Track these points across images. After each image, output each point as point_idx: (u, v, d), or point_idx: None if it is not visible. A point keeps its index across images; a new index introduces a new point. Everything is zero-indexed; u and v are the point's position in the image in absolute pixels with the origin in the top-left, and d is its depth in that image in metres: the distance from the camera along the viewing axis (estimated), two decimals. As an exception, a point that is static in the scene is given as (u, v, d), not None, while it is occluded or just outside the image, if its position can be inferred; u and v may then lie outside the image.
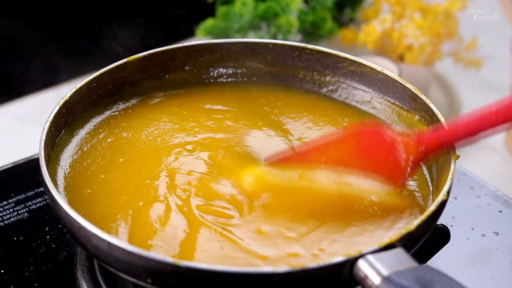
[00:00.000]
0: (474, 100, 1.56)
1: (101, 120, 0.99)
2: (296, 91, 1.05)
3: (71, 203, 0.86)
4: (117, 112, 1.01)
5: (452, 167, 0.85)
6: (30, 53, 1.68)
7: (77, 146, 0.95)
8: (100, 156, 0.94)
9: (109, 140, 0.96)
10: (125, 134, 0.97)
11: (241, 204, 0.86)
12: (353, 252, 0.76)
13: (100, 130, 0.98)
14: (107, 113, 1.01)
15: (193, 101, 1.03)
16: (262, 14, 1.43)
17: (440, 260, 0.95)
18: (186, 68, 1.05)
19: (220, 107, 1.03)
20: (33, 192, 1.03)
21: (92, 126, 0.98)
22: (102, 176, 0.91)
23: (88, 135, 0.97)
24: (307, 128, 0.99)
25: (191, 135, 0.97)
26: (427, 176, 0.92)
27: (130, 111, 1.01)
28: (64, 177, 0.90)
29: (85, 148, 0.95)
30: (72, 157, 0.93)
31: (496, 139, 1.45)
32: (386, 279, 0.73)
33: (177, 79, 1.05)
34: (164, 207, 0.86)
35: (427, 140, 0.87)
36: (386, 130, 0.89)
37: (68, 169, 0.92)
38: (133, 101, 1.03)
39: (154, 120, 1.00)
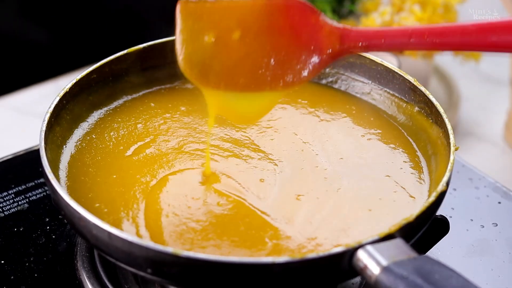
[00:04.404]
0: (473, 92, 1.56)
1: (101, 112, 1.00)
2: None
3: (71, 194, 0.86)
4: (117, 104, 1.01)
5: (451, 158, 0.85)
6: (29, 45, 1.68)
7: (78, 137, 0.95)
8: (101, 147, 0.94)
9: (110, 131, 0.96)
10: (126, 125, 0.97)
11: None
12: (352, 243, 0.76)
13: (101, 122, 0.98)
14: (107, 104, 1.01)
15: (195, 93, 1.04)
16: (261, 7, 1.43)
17: (439, 251, 0.95)
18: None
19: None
20: (33, 183, 1.03)
21: (93, 118, 0.98)
22: (104, 167, 0.91)
23: (89, 126, 0.97)
24: (305, 115, 1.00)
25: (195, 127, 0.97)
26: (426, 167, 0.92)
27: (130, 102, 1.01)
28: (65, 167, 0.90)
29: (86, 139, 0.95)
30: (73, 148, 0.93)
31: (495, 133, 1.45)
32: (385, 269, 0.73)
33: (177, 71, 1.05)
34: (168, 195, 0.87)
35: (350, 36, 0.87)
36: (312, 9, 0.87)
37: (69, 160, 0.92)
38: (134, 93, 1.03)
39: (155, 110, 1.00)
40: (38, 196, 1.02)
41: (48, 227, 0.98)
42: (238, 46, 0.85)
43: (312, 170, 0.91)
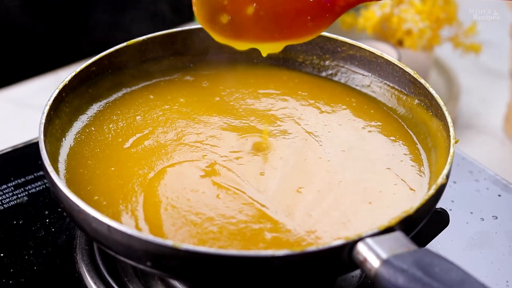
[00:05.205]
0: (473, 85, 1.56)
1: (101, 104, 0.99)
2: (297, 74, 1.06)
3: (70, 187, 0.86)
4: (116, 96, 1.01)
5: (451, 151, 0.85)
6: (29, 38, 1.68)
7: (77, 130, 0.95)
8: (100, 139, 0.94)
9: (109, 123, 0.96)
10: (125, 118, 0.97)
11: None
12: (352, 236, 0.76)
13: (100, 114, 0.98)
14: (106, 97, 1.00)
15: (194, 85, 1.04)
16: None
17: (439, 244, 0.95)
18: (186, 52, 1.05)
19: (220, 89, 1.03)
20: (33, 176, 1.03)
21: (92, 110, 0.98)
22: (103, 159, 0.91)
23: (88, 118, 0.97)
24: (305, 107, 1.00)
25: (194, 117, 0.97)
26: (426, 160, 0.92)
27: (129, 94, 1.01)
28: (64, 160, 0.90)
29: (85, 132, 0.95)
30: (72, 141, 0.93)
31: (495, 125, 1.45)
32: (385, 262, 0.73)
33: (177, 63, 1.05)
34: (167, 188, 0.86)
35: None
36: None
37: (68, 153, 0.92)
38: (133, 85, 1.03)
39: (154, 102, 1.00)
40: (37, 189, 1.02)
41: (47, 220, 0.98)
42: None
43: (315, 162, 0.91)
